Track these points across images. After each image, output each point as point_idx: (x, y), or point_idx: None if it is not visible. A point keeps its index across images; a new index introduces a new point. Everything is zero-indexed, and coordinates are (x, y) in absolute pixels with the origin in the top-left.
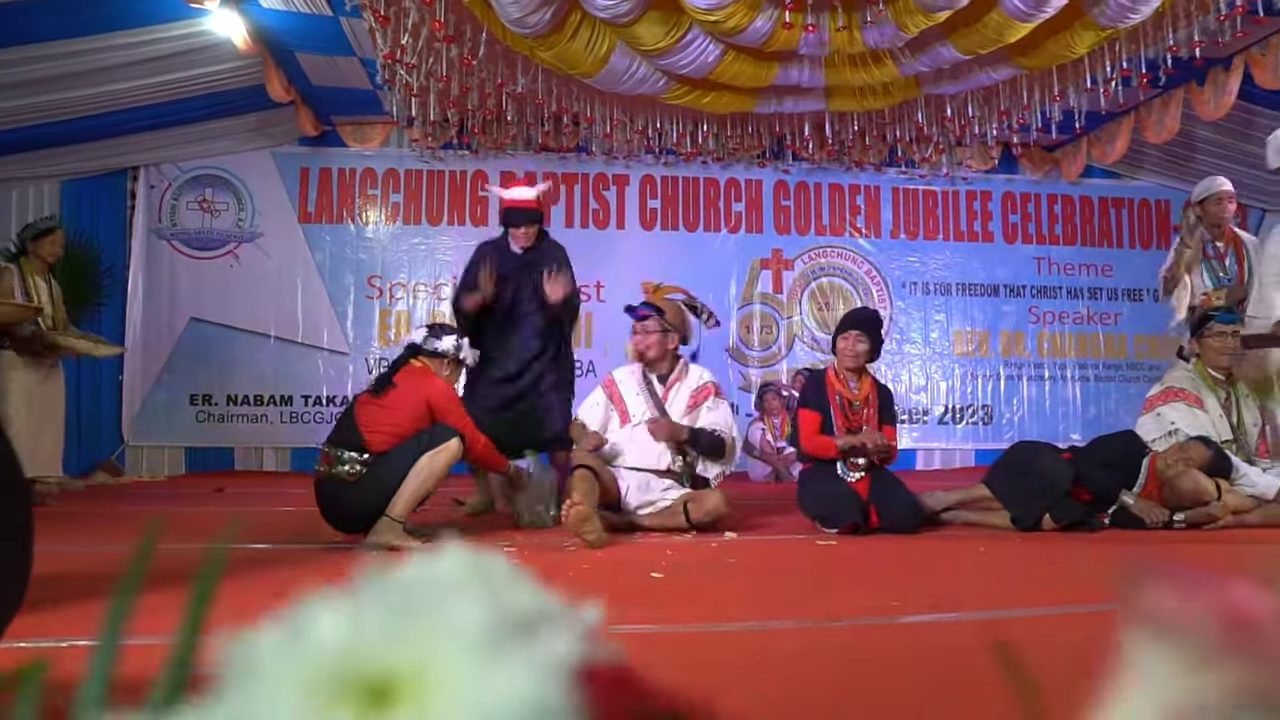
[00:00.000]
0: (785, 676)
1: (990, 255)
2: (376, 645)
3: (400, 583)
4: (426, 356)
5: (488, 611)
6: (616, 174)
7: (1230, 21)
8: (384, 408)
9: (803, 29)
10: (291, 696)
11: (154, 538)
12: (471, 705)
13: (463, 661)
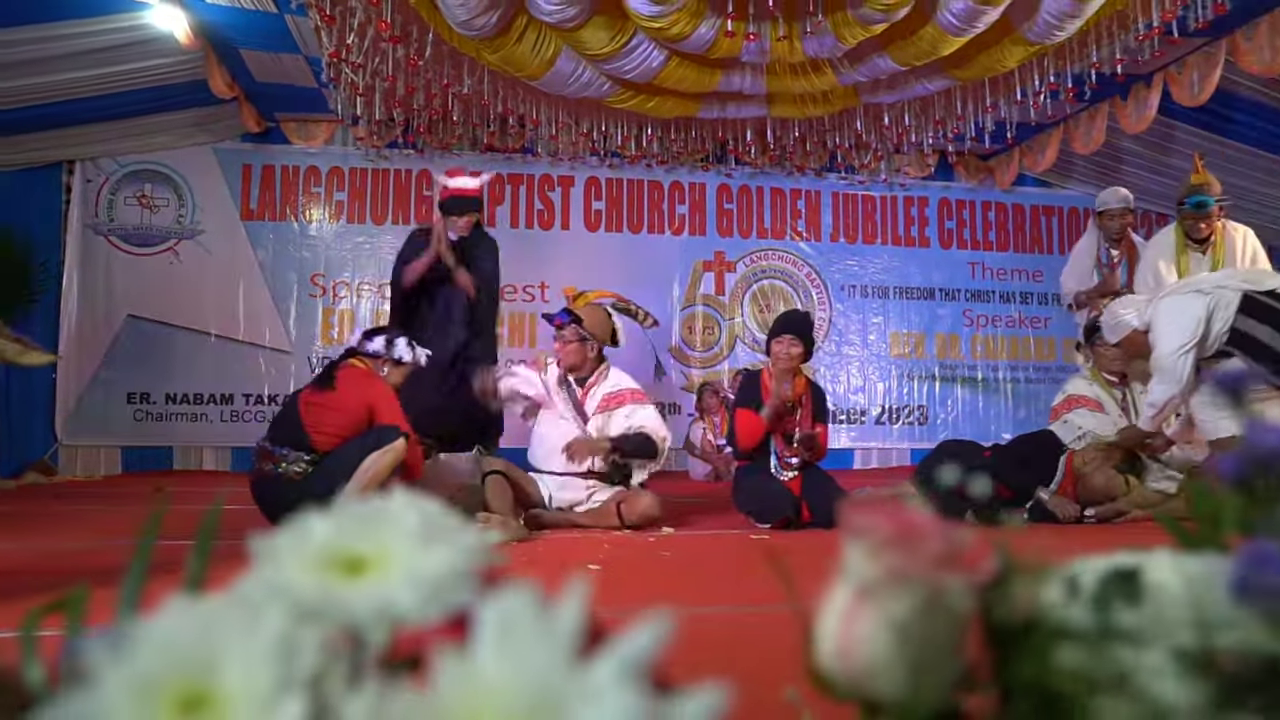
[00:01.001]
0: (704, 659)
1: (927, 260)
2: (351, 537)
3: (367, 506)
4: (366, 358)
5: (421, 520)
6: (561, 175)
7: (1148, 41)
8: (328, 408)
9: (744, 37)
10: (301, 568)
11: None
12: (411, 571)
13: (406, 546)
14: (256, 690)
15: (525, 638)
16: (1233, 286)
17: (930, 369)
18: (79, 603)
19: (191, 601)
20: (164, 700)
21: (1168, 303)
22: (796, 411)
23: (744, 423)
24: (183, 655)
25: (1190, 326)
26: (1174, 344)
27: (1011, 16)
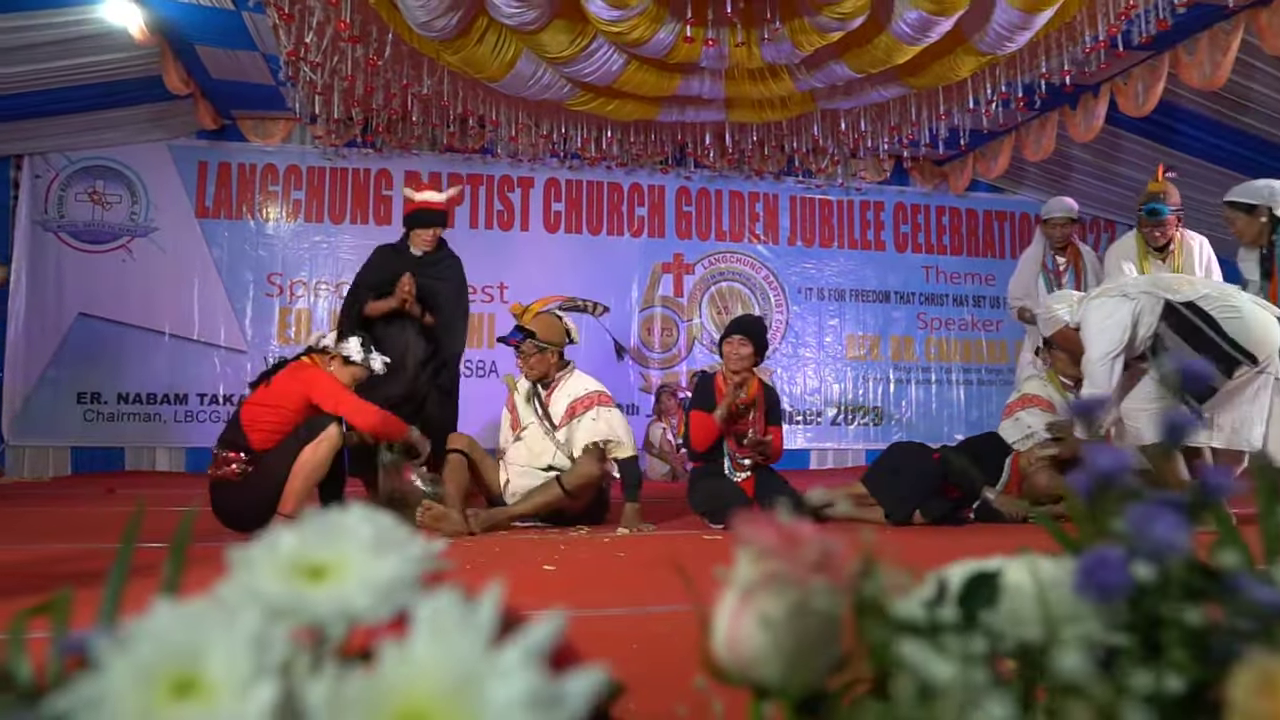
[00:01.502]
0: (648, 656)
1: (882, 263)
2: (314, 548)
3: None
4: (319, 355)
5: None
6: (521, 176)
7: (1095, 54)
8: (265, 405)
9: (703, 43)
10: (271, 575)
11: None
12: (366, 577)
13: (361, 555)
14: (236, 677)
15: (451, 630)
16: (1155, 294)
17: (885, 371)
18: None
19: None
20: (159, 684)
21: (1097, 305)
22: (750, 413)
23: (698, 424)
24: (174, 648)
25: (1117, 334)
26: (1101, 350)
27: (963, 27)
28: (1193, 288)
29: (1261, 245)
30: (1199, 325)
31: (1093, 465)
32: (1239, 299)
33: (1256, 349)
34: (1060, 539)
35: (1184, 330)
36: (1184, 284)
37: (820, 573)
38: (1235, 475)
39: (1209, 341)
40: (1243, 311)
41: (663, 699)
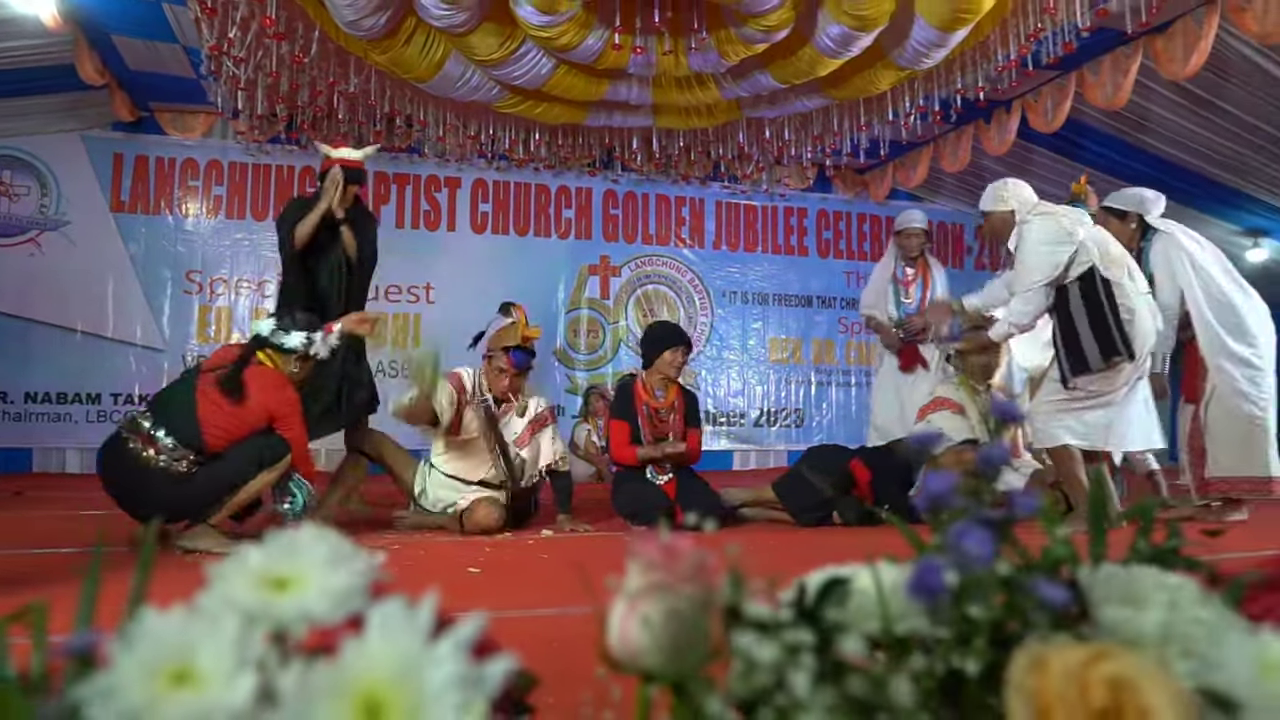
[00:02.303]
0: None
1: (805, 268)
2: (278, 563)
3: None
4: (274, 350)
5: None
6: (449, 176)
7: (1007, 72)
8: (230, 412)
9: (631, 50)
10: (243, 587)
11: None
12: (323, 587)
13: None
14: (222, 669)
15: (397, 629)
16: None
17: (807, 374)
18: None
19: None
20: (160, 676)
21: (1043, 227)
22: (670, 417)
23: (617, 440)
24: (170, 646)
25: (1050, 271)
26: (1035, 277)
27: (883, 43)
28: (1120, 270)
29: (1131, 249)
30: (1102, 302)
31: (927, 489)
32: (1139, 301)
33: (1137, 346)
34: (914, 543)
35: (1090, 300)
36: (1117, 262)
37: (692, 582)
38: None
39: (1103, 322)
40: (1137, 313)
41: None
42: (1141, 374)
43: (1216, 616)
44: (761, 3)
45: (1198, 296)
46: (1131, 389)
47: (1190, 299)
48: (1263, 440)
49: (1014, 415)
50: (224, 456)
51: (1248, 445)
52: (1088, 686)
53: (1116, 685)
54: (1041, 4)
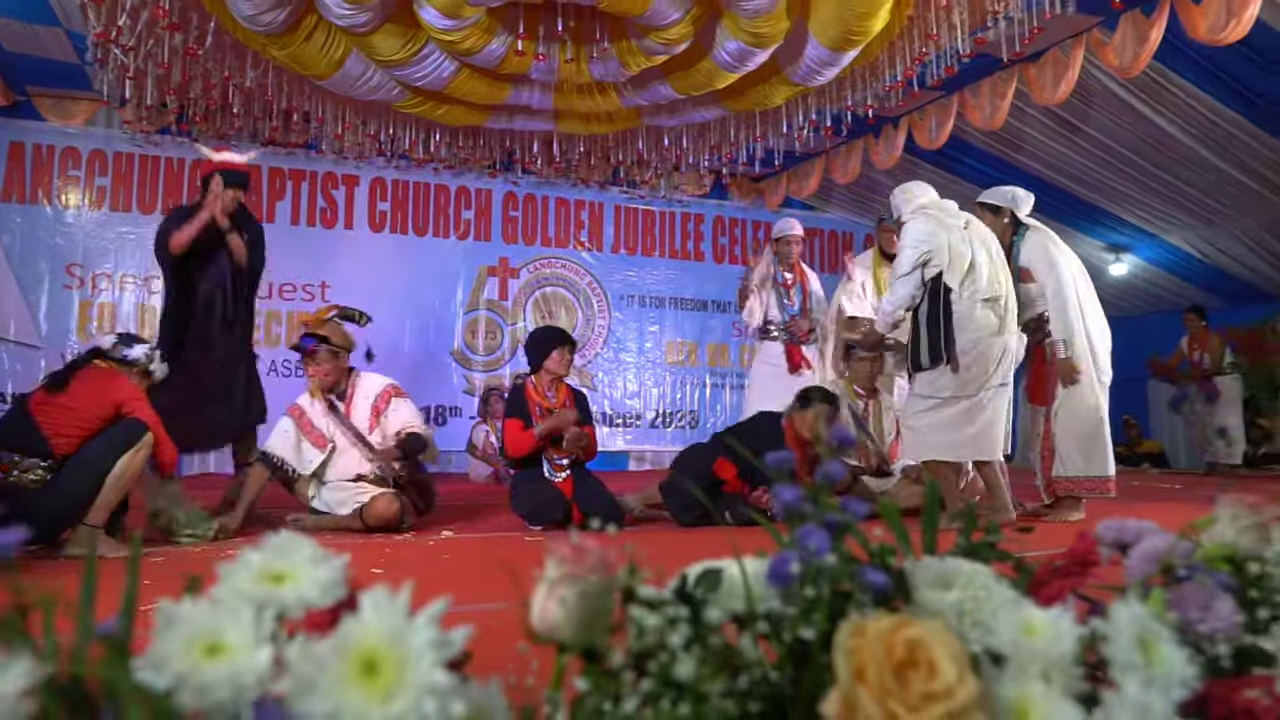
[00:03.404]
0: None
1: (701, 273)
2: (273, 562)
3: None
4: (114, 362)
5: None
6: (346, 174)
7: (895, 91)
8: (66, 409)
9: (534, 57)
10: (249, 581)
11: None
12: (313, 579)
13: (307, 566)
14: (245, 642)
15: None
16: (942, 258)
17: (702, 376)
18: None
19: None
20: (197, 649)
21: (913, 226)
22: None
23: (512, 434)
24: (202, 627)
25: (907, 267)
26: (898, 272)
27: (779, 59)
28: (973, 285)
29: (1004, 242)
30: (939, 312)
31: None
32: (976, 323)
33: (961, 357)
34: (776, 538)
35: (933, 303)
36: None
37: (597, 572)
38: None
39: (936, 327)
40: (970, 322)
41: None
42: (1005, 381)
43: (997, 594)
44: (662, 17)
45: (1078, 293)
46: (996, 395)
47: (1070, 295)
48: (1105, 442)
49: (848, 441)
50: (78, 453)
51: (1093, 446)
52: (891, 646)
53: (911, 644)
54: (926, 30)
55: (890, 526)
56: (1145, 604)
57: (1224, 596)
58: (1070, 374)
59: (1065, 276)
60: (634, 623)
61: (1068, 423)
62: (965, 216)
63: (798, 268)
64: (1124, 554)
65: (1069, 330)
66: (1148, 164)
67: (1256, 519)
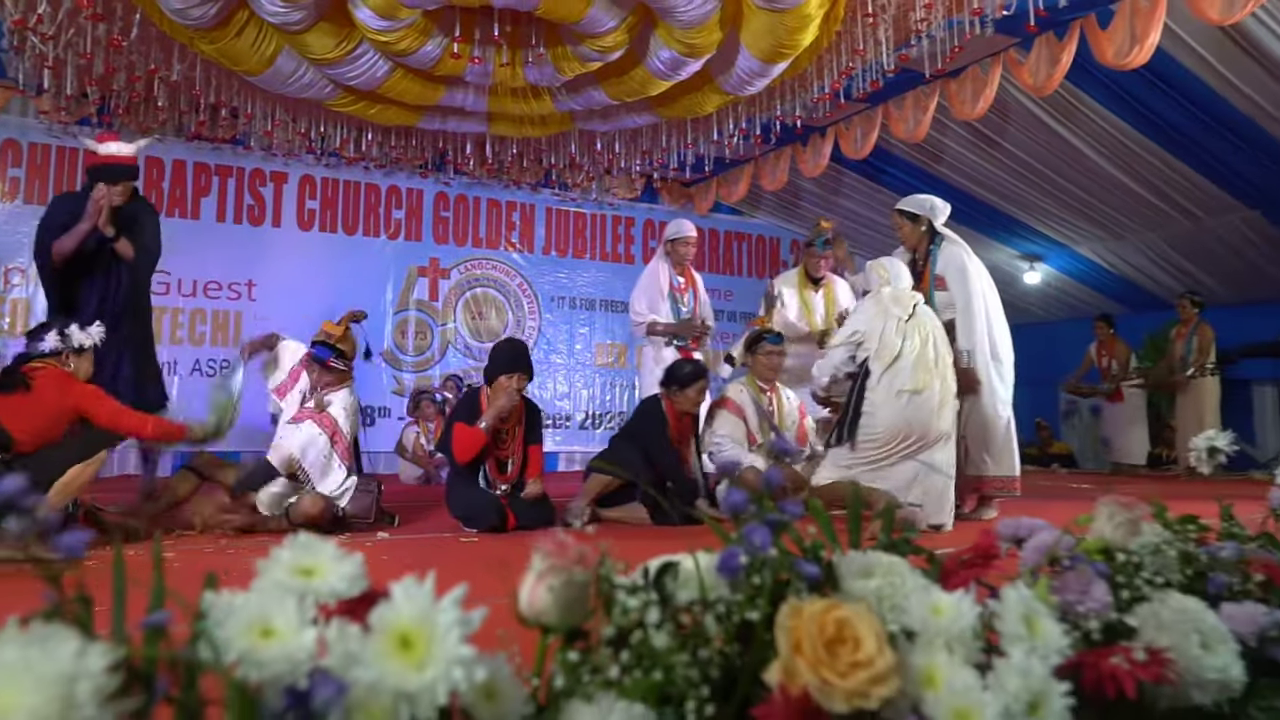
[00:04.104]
0: None
1: (631, 276)
2: (302, 559)
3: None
4: (48, 360)
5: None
6: (275, 171)
7: (822, 103)
8: (28, 409)
9: (469, 60)
10: (284, 574)
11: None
12: (339, 574)
13: (332, 562)
14: (292, 627)
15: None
16: (869, 348)
17: (630, 378)
18: None
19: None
20: (253, 632)
21: (859, 310)
22: (516, 431)
23: (462, 437)
24: (254, 614)
25: (847, 335)
26: (840, 340)
27: (711, 69)
28: (894, 376)
29: (919, 249)
30: (854, 394)
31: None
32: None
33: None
34: (722, 538)
35: (856, 387)
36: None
37: (578, 565)
38: None
39: (847, 409)
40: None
41: None
42: (926, 443)
43: (910, 582)
44: (599, 25)
45: (986, 305)
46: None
47: (978, 306)
48: (1012, 444)
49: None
50: (37, 454)
51: (999, 448)
52: (823, 625)
53: (840, 623)
54: (852, 46)
55: (820, 526)
56: (1033, 588)
57: (1099, 582)
58: (971, 383)
59: (975, 289)
60: (617, 604)
61: (975, 427)
62: (914, 302)
63: (688, 272)
64: (1019, 547)
65: (972, 342)
66: (1060, 178)
67: (1128, 516)
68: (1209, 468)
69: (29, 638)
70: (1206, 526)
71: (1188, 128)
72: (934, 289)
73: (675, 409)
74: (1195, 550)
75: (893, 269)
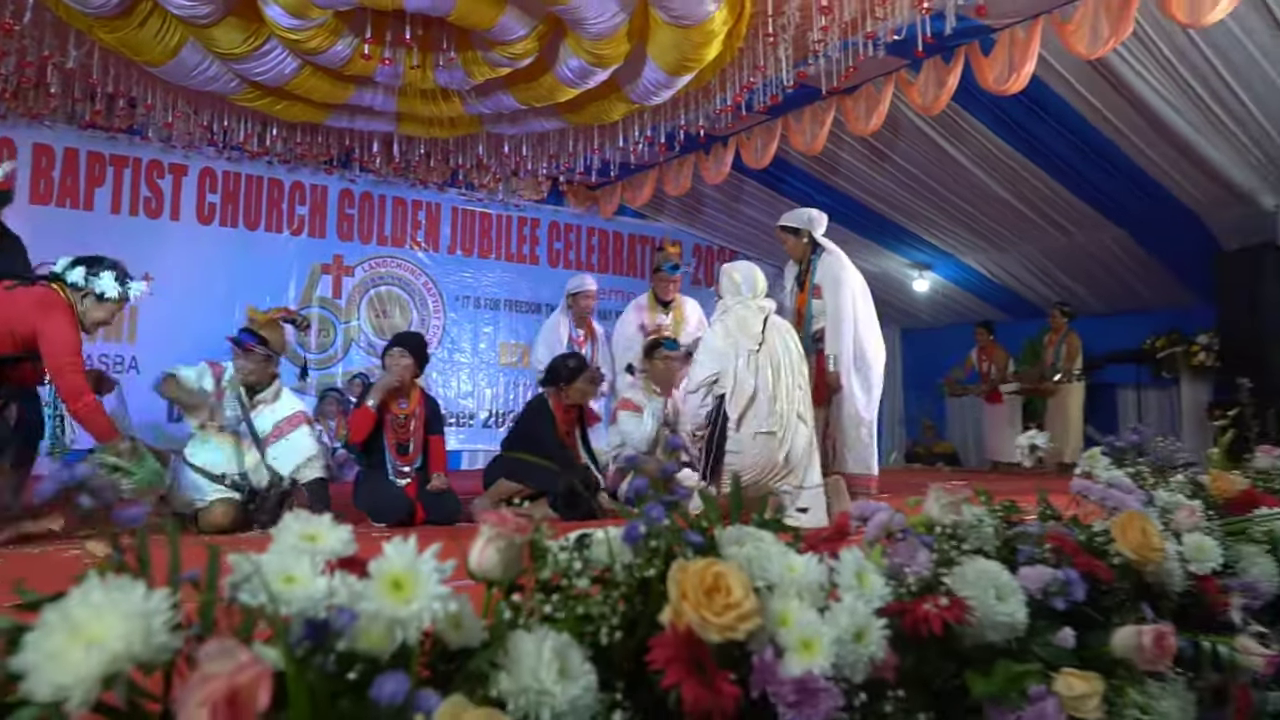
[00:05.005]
0: None
1: (536, 276)
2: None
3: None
4: (63, 284)
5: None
6: (174, 163)
7: (725, 114)
8: None
9: (379, 61)
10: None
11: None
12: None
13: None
14: (308, 576)
15: (404, 549)
16: (725, 385)
17: (534, 377)
18: None
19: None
20: (280, 579)
21: (714, 343)
22: (410, 422)
23: (356, 419)
24: (280, 566)
25: (702, 378)
26: (694, 383)
27: (618, 79)
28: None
29: (802, 262)
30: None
31: (630, 486)
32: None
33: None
34: (626, 515)
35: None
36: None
37: (516, 532)
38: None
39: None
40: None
41: None
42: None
43: (772, 549)
44: (509, 32)
45: (855, 314)
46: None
47: (846, 315)
48: (871, 445)
49: (679, 446)
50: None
51: (860, 449)
52: (704, 577)
53: (716, 576)
54: (754, 61)
55: (707, 507)
56: (869, 554)
57: (923, 550)
58: (835, 385)
59: (845, 300)
60: (550, 559)
61: (839, 426)
62: (764, 316)
63: (589, 324)
64: (865, 525)
65: (839, 349)
66: (947, 192)
67: (951, 500)
68: (1030, 461)
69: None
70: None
71: (1063, 151)
72: (812, 297)
73: (562, 405)
74: (1004, 528)
75: (744, 275)
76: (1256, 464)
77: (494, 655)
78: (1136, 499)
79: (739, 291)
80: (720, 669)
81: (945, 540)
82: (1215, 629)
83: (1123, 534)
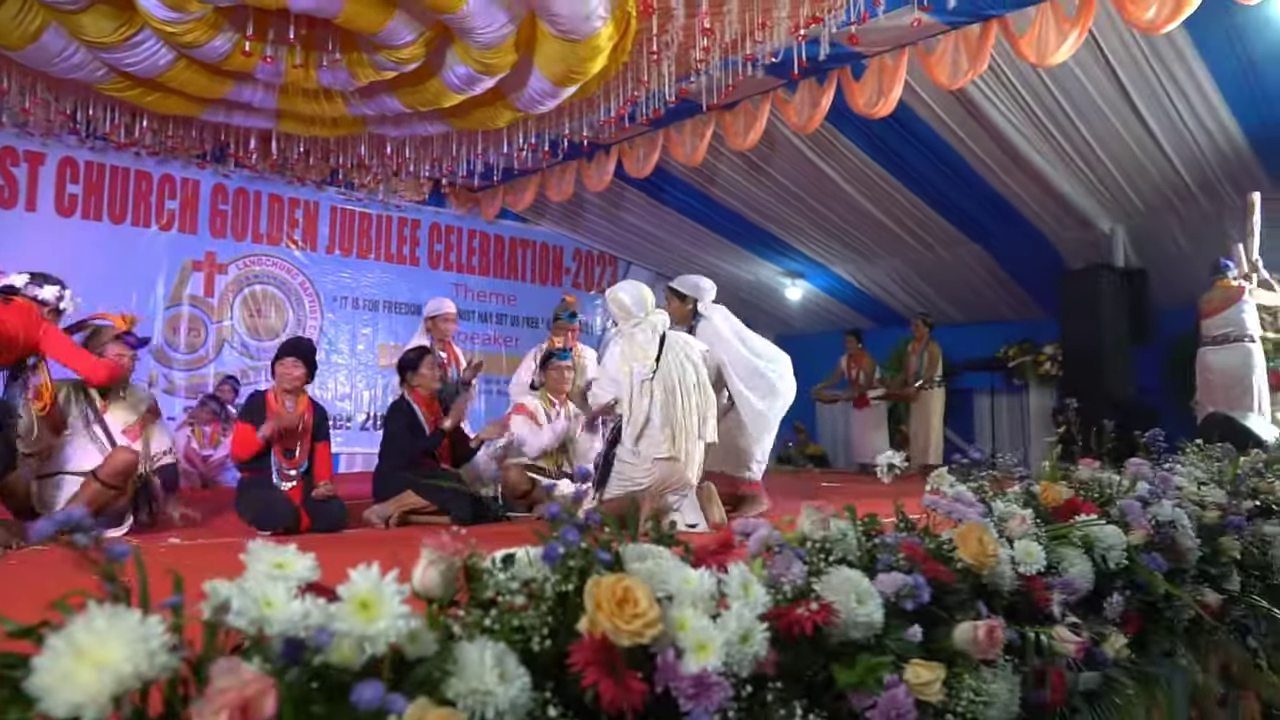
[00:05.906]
0: None
1: (416, 278)
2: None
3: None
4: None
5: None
6: (30, 151)
7: (608, 125)
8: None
9: (261, 58)
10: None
11: None
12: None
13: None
14: (284, 600)
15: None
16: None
17: None
18: None
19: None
20: (260, 602)
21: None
22: (298, 426)
23: (240, 436)
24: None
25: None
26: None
27: (504, 87)
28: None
29: (686, 324)
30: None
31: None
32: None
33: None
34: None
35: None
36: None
37: (452, 554)
38: None
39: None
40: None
41: None
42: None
43: (670, 564)
44: (397, 37)
45: (732, 361)
46: None
47: (738, 359)
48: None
49: (585, 475)
50: None
51: (737, 456)
52: (615, 591)
53: (625, 589)
54: (638, 76)
55: (610, 527)
56: (751, 567)
57: (797, 562)
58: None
59: (731, 348)
60: (488, 579)
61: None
62: (659, 336)
63: (449, 347)
64: (747, 540)
65: (735, 390)
66: (820, 206)
67: (821, 516)
68: (889, 478)
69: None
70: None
71: (929, 173)
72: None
73: (421, 396)
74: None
75: (632, 296)
76: (1079, 475)
77: (444, 663)
78: (977, 511)
79: (631, 314)
80: (630, 669)
81: (815, 553)
82: (1038, 621)
83: (964, 543)
